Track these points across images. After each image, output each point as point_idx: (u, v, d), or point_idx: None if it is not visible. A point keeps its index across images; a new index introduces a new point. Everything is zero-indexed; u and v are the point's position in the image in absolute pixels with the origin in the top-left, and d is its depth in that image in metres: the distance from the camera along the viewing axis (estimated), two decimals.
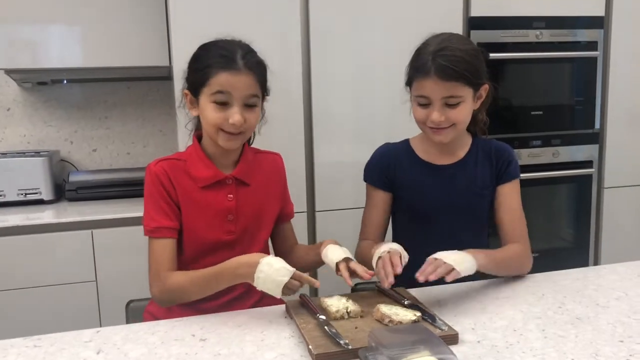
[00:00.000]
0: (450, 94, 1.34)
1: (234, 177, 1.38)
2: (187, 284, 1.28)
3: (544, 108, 2.48)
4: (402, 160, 1.52)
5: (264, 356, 1.03)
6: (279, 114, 2.16)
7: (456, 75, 1.32)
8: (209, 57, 1.29)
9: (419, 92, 1.37)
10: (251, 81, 1.29)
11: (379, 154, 1.57)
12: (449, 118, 1.37)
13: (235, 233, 1.38)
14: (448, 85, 1.33)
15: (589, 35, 2.47)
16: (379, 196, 1.53)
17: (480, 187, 1.48)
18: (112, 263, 2.12)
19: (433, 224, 1.49)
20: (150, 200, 1.33)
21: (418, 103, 1.40)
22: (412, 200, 1.51)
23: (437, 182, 1.49)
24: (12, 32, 2.25)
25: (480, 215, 1.50)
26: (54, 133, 2.67)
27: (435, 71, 1.32)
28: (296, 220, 2.19)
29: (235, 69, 1.27)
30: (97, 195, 2.42)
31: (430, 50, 1.35)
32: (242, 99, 1.29)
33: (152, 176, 1.34)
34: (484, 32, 2.34)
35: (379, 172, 1.53)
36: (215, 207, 1.36)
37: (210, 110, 1.28)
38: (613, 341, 1.05)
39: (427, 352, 0.89)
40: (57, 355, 1.05)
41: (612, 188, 2.59)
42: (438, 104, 1.36)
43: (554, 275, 1.42)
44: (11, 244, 2.05)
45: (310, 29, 2.17)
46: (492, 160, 1.49)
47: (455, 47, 1.34)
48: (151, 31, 2.33)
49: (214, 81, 1.27)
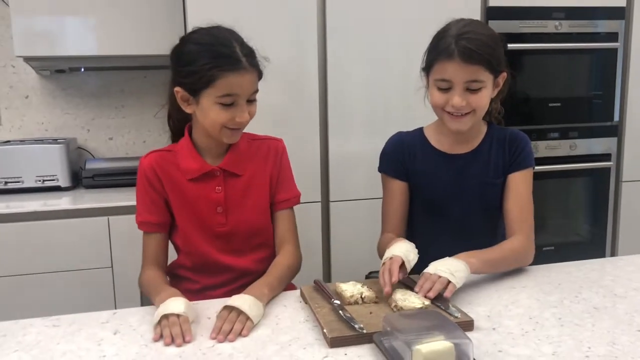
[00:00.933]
0: (473, 78, 1.32)
1: (222, 169, 1.36)
2: (144, 286, 1.34)
3: (562, 100, 2.45)
4: (416, 149, 1.50)
5: (278, 339, 1.03)
6: (294, 105, 2.17)
7: (480, 58, 1.30)
8: (207, 56, 1.23)
9: (441, 75, 1.34)
10: (255, 77, 1.29)
11: (393, 143, 1.54)
12: (470, 103, 1.34)
13: (227, 225, 1.37)
14: (472, 68, 1.31)
15: (610, 26, 2.43)
16: (395, 186, 1.51)
17: (493, 176, 1.46)
18: (128, 249, 2.13)
19: (445, 213, 1.49)
20: (137, 194, 1.39)
21: (438, 87, 1.37)
22: (425, 190, 1.50)
23: (450, 172, 1.47)
24: (31, 20, 2.27)
25: (492, 204, 1.48)
26: (72, 121, 2.70)
27: (459, 54, 1.29)
28: (310, 210, 2.23)
29: (241, 68, 1.24)
30: (113, 183, 2.43)
31: (453, 33, 1.32)
32: (247, 97, 1.28)
33: (140, 170, 1.38)
34: (502, 23, 2.32)
35: (394, 162, 1.51)
36: (204, 199, 1.36)
37: (216, 111, 1.26)
38: (631, 330, 1.03)
39: (441, 337, 0.88)
40: (75, 335, 1.07)
41: (630, 182, 2.55)
42: (459, 88, 1.33)
43: (570, 266, 1.41)
44: (29, 229, 2.08)
45: (326, 20, 2.16)
46: (506, 149, 1.47)
47: (478, 31, 1.33)
48: (167, 19, 2.33)
49: (221, 84, 1.23)
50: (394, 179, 1.51)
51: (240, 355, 0.98)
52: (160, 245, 1.40)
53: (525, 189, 1.45)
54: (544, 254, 2.50)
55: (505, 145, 1.47)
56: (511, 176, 1.46)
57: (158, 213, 1.38)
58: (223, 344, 1.02)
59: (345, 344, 1.00)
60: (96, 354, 0.99)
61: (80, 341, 1.04)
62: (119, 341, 1.04)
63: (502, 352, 0.96)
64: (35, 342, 1.04)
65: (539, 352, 0.96)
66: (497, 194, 1.47)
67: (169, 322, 1.06)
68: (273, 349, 1.00)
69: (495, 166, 1.46)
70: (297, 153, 2.17)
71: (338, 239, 2.27)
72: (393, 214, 1.52)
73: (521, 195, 1.44)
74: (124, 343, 1.03)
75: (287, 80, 2.15)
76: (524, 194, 1.44)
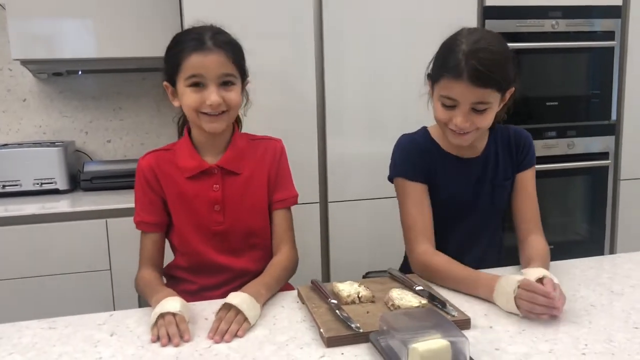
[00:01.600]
0: (480, 100, 1.26)
1: (220, 167, 1.36)
2: (140, 287, 1.34)
3: (559, 99, 2.45)
4: (431, 151, 1.43)
5: (275, 339, 1.03)
6: (292, 106, 2.17)
7: (490, 81, 1.23)
8: (180, 43, 1.30)
9: (446, 92, 1.28)
10: (222, 59, 1.27)
11: (408, 145, 1.44)
12: (474, 123, 1.29)
13: (224, 224, 1.37)
14: (480, 91, 1.24)
15: (606, 25, 2.43)
16: (419, 190, 1.40)
17: (502, 179, 1.44)
18: (127, 252, 2.13)
19: (458, 219, 1.45)
20: (136, 195, 1.40)
21: (443, 104, 1.30)
22: (441, 195, 1.42)
23: (466, 176, 1.43)
24: (27, 23, 2.27)
25: (500, 208, 1.48)
26: (69, 124, 2.70)
27: (468, 76, 1.22)
28: (309, 211, 2.23)
29: (205, 49, 1.26)
30: (111, 185, 2.44)
31: (464, 49, 1.24)
32: (217, 79, 1.27)
33: (138, 171, 1.39)
34: (499, 22, 2.32)
35: (414, 164, 1.41)
36: (202, 197, 1.36)
37: (187, 94, 1.28)
38: (627, 328, 1.03)
39: (438, 335, 0.88)
40: (71, 337, 1.07)
41: (628, 180, 2.55)
42: (465, 109, 1.27)
43: (568, 264, 1.41)
44: (27, 232, 2.08)
45: (323, 22, 2.17)
46: (512, 149, 1.45)
47: (491, 49, 1.24)
48: (165, 22, 2.33)
49: (186, 65, 1.26)
50: (416, 182, 1.40)
51: (237, 356, 0.97)
52: (157, 245, 1.40)
53: (533, 187, 1.45)
54: None
55: (511, 146, 1.45)
56: (520, 176, 1.45)
57: (156, 213, 1.38)
58: (220, 344, 1.02)
59: (342, 343, 1.00)
60: (92, 356, 0.99)
61: (77, 343, 1.04)
62: (116, 343, 1.04)
63: (499, 350, 0.96)
64: (31, 344, 1.04)
65: (535, 350, 0.96)
66: (505, 197, 1.47)
67: (165, 321, 1.05)
68: (270, 349, 1.00)
69: (505, 169, 1.45)
70: (295, 154, 2.16)
71: (336, 239, 2.27)
72: (427, 222, 1.39)
73: (531, 195, 1.45)
74: (121, 345, 1.03)
75: (284, 81, 2.15)
76: (533, 192, 1.45)
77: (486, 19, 2.31)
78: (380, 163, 1.63)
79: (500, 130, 1.47)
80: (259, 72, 2.04)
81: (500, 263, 1.44)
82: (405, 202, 1.41)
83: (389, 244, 1.74)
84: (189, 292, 1.38)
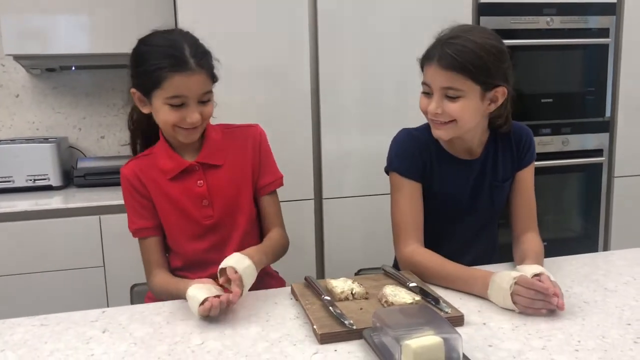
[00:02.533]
0: (449, 85, 1.25)
1: (199, 163, 1.36)
2: (161, 289, 1.33)
3: (554, 96, 2.46)
4: (431, 150, 1.40)
5: (269, 336, 1.03)
6: (286, 103, 2.17)
7: (458, 65, 1.23)
8: (157, 57, 1.24)
9: (424, 78, 1.31)
10: (204, 78, 1.27)
11: (407, 140, 1.42)
12: (446, 112, 1.27)
13: (214, 217, 1.38)
14: (448, 75, 1.24)
15: (601, 22, 2.44)
16: (412, 187, 1.38)
17: (502, 180, 1.43)
18: (120, 248, 2.13)
19: (457, 220, 1.45)
20: (126, 204, 1.39)
21: (423, 91, 1.33)
22: (440, 194, 1.40)
23: (464, 178, 1.41)
24: (20, 18, 2.25)
25: (499, 209, 1.47)
26: (63, 120, 2.68)
27: (438, 58, 1.25)
28: (304, 207, 2.23)
29: (188, 69, 1.23)
30: (104, 182, 2.42)
31: (443, 37, 1.28)
32: (197, 98, 1.27)
33: (123, 180, 1.38)
34: (494, 19, 2.32)
35: (411, 160, 1.38)
36: (188, 195, 1.36)
37: (166, 111, 1.26)
38: (620, 324, 1.04)
39: (431, 332, 0.88)
40: (63, 334, 1.06)
41: (622, 177, 2.56)
42: (437, 95, 1.28)
43: (562, 261, 1.41)
44: (20, 229, 2.06)
45: (318, 18, 2.16)
46: (513, 147, 1.43)
47: (468, 38, 1.25)
48: (158, 17, 2.31)
49: (168, 85, 1.23)
50: (409, 179, 1.38)
51: (230, 353, 0.97)
52: (159, 247, 1.39)
53: (531, 184, 1.45)
54: None
55: (511, 144, 1.43)
56: (520, 173, 1.44)
57: (150, 217, 1.37)
58: (212, 342, 1.01)
59: (335, 340, 0.99)
60: (84, 353, 0.99)
61: (68, 340, 1.04)
62: (108, 339, 1.04)
63: (493, 347, 0.96)
64: (22, 341, 1.04)
65: (529, 347, 0.96)
66: (504, 197, 1.46)
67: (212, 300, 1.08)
68: (263, 346, 0.99)
69: (504, 169, 1.43)
70: (290, 151, 2.17)
71: (331, 236, 2.26)
72: (417, 219, 1.38)
73: (529, 193, 1.45)
74: (113, 341, 1.03)
75: (278, 78, 2.14)
76: (531, 190, 1.45)
77: (481, 16, 2.31)
78: (375, 160, 1.62)
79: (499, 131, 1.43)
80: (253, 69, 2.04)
81: (495, 261, 1.44)
82: (397, 198, 1.40)
83: (384, 240, 1.74)
84: None
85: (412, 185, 1.38)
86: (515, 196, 1.45)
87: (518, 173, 1.45)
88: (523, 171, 1.45)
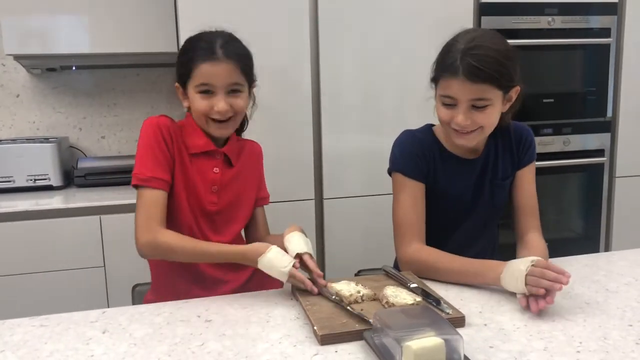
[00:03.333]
0: (478, 97, 1.25)
1: (223, 153, 1.42)
2: (178, 248, 1.27)
3: (555, 96, 2.45)
4: (434, 150, 1.42)
5: (269, 337, 1.03)
6: (287, 103, 2.16)
7: (486, 76, 1.23)
8: (192, 50, 1.34)
9: (445, 91, 1.28)
10: (231, 69, 1.32)
11: (410, 141, 1.43)
12: (475, 122, 1.28)
13: (218, 205, 1.41)
14: (476, 87, 1.24)
15: (602, 22, 2.43)
16: (416, 187, 1.39)
17: (502, 178, 1.44)
18: (120, 248, 2.12)
19: (459, 219, 1.45)
20: (147, 150, 1.32)
21: (443, 103, 1.31)
22: (443, 194, 1.42)
23: (466, 177, 1.42)
24: (21, 18, 2.25)
25: (500, 207, 1.47)
26: (63, 120, 2.68)
27: (464, 71, 1.23)
28: (304, 207, 2.22)
29: (215, 59, 1.31)
30: (105, 182, 2.43)
31: (460, 48, 1.25)
32: (225, 87, 1.33)
33: (153, 127, 1.33)
34: (495, 19, 2.31)
35: (415, 161, 1.39)
36: (202, 176, 1.39)
37: (197, 99, 1.34)
38: (622, 325, 1.03)
39: (432, 333, 0.88)
40: (63, 335, 1.06)
41: (624, 177, 2.55)
42: (464, 106, 1.27)
43: (563, 261, 1.40)
44: (21, 229, 2.06)
45: (319, 18, 2.16)
46: (513, 146, 1.44)
47: (487, 45, 1.25)
48: (159, 17, 2.32)
49: (197, 73, 1.32)
50: (413, 179, 1.39)
51: (230, 354, 0.97)
52: (165, 204, 1.32)
53: (533, 183, 1.46)
54: None
55: (512, 143, 1.44)
56: (521, 172, 1.45)
57: (169, 171, 1.33)
58: (212, 342, 1.01)
59: (336, 341, 0.99)
60: (84, 354, 0.98)
61: (68, 341, 1.03)
62: (108, 340, 1.03)
63: (494, 348, 0.96)
64: (22, 342, 1.03)
65: (530, 348, 0.95)
66: (506, 194, 1.46)
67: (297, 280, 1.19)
68: (263, 347, 0.99)
69: (504, 168, 1.44)
70: (291, 151, 2.17)
71: (332, 236, 2.26)
72: (420, 220, 1.39)
73: (530, 192, 1.45)
74: (113, 342, 1.02)
75: (279, 78, 2.14)
76: (533, 189, 1.45)
77: (482, 16, 2.30)
78: (376, 160, 1.62)
79: (500, 127, 1.43)
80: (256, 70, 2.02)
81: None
82: (399, 198, 1.40)
83: (385, 240, 1.73)
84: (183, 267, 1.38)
85: (416, 185, 1.39)
86: (516, 195, 1.45)
87: (518, 172, 1.45)
88: (523, 170, 1.45)
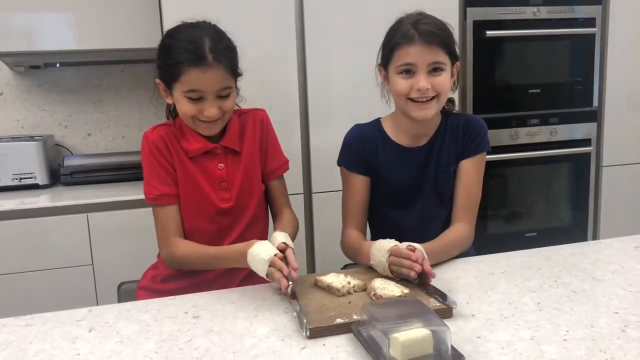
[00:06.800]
0: (436, 60, 1.33)
1: (223, 147, 1.38)
2: (193, 256, 1.33)
3: (541, 86, 2.46)
4: (377, 142, 1.48)
5: (257, 332, 1.02)
6: (274, 98, 2.15)
7: (439, 40, 1.33)
8: (178, 51, 1.26)
9: (404, 60, 1.34)
10: (222, 74, 1.27)
11: (353, 136, 1.50)
12: (434, 86, 1.34)
13: (231, 200, 1.38)
14: (433, 51, 1.32)
15: (587, 12, 2.44)
16: (357, 181, 1.48)
17: (446, 165, 1.45)
18: (108, 246, 2.11)
19: (406, 206, 1.48)
20: (149, 169, 1.35)
21: (400, 73, 1.36)
22: (386, 184, 1.47)
23: (410, 166, 1.46)
24: (4, 16, 2.22)
25: (447, 193, 1.47)
26: (48, 117, 2.65)
27: (420, 37, 1.32)
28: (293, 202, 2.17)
29: (205, 64, 1.24)
30: (92, 179, 2.41)
31: (410, 21, 1.36)
32: (215, 93, 1.28)
33: (149, 144, 1.35)
34: (481, 10, 2.31)
35: (356, 156, 1.47)
36: (208, 176, 1.37)
37: (185, 103, 1.29)
38: (608, 313, 1.04)
39: (419, 325, 0.88)
40: (48, 334, 1.05)
41: (610, 166, 2.57)
42: (424, 71, 1.34)
43: (550, 251, 1.41)
44: (7, 228, 2.04)
45: (305, 13, 2.14)
46: (459, 136, 1.46)
47: (433, 17, 1.37)
48: (144, 13, 2.30)
49: (185, 79, 1.25)
50: (355, 173, 1.48)
51: (218, 349, 0.96)
52: (178, 216, 1.36)
53: (475, 175, 1.45)
54: (526, 240, 2.51)
55: (459, 133, 1.46)
56: (463, 163, 1.46)
57: (173, 184, 1.35)
58: (199, 338, 1.00)
59: (324, 334, 0.99)
60: (70, 353, 0.97)
61: (54, 340, 1.02)
62: (94, 339, 1.02)
63: (481, 338, 0.96)
64: (7, 342, 1.02)
65: (517, 337, 0.96)
66: (451, 182, 1.47)
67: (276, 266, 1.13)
68: (251, 342, 0.98)
69: (448, 155, 1.45)
70: None
71: (321, 230, 2.26)
72: (356, 209, 1.49)
73: (470, 183, 1.45)
74: (99, 340, 1.02)
75: (266, 72, 2.13)
76: (473, 181, 1.45)
77: (468, 7, 2.31)
78: None
79: (453, 117, 1.48)
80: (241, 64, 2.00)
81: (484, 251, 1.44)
82: (344, 190, 1.52)
83: None
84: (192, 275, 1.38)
85: (357, 178, 1.48)
86: (456, 184, 1.46)
87: (461, 162, 1.46)
88: (467, 161, 1.45)
